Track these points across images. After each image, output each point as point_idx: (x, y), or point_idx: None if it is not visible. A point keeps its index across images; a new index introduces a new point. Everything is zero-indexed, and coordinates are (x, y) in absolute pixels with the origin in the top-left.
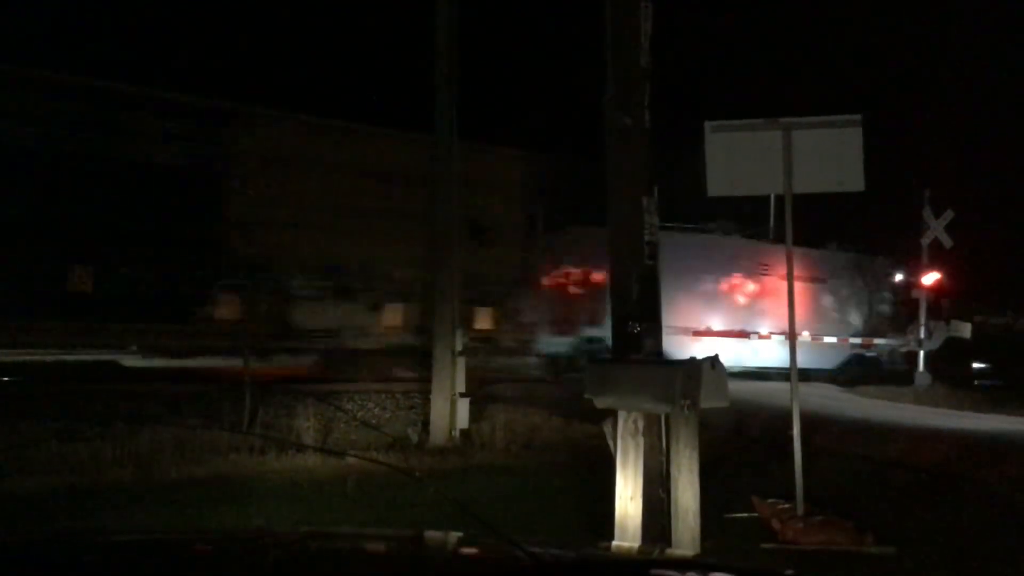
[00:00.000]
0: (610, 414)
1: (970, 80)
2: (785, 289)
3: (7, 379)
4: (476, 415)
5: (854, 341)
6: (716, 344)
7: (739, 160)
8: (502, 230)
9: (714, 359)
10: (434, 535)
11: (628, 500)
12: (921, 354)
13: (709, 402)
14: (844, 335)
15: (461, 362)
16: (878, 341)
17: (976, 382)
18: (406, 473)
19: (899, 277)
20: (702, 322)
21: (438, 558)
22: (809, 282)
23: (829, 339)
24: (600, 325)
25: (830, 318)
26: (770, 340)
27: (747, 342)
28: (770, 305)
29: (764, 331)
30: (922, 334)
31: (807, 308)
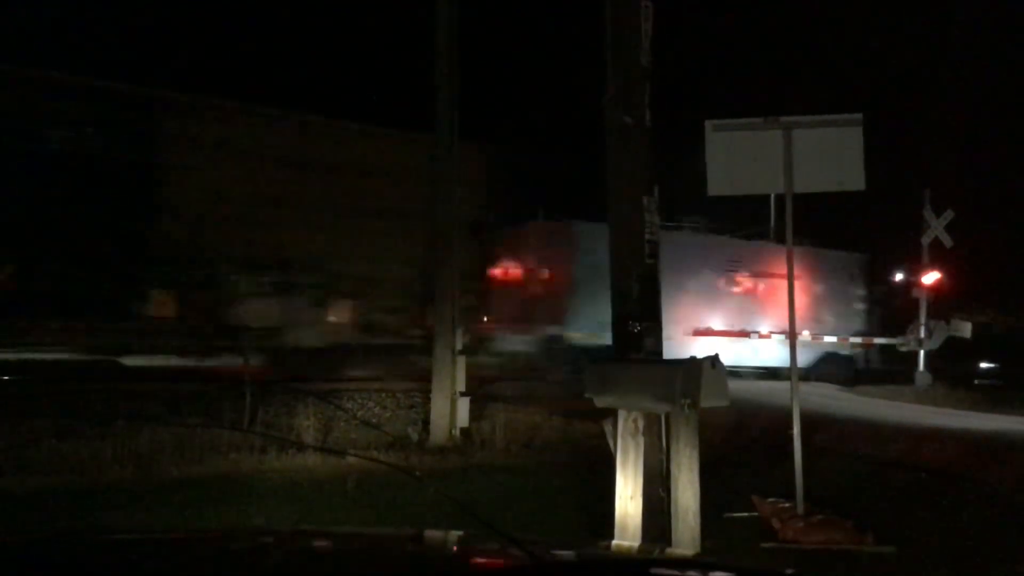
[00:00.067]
0: (610, 413)
1: (970, 80)
2: (758, 286)
3: (7, 378)
4: (476, 414)
5: (829, 339)
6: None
7: (739, 159)
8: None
9: (714, 358)
10: (434, 534)
11: (628, 499)
12: (921, 353)
13: (709, 401)
14: (818, 333)
15: (461, 361)
16: (853, 340)
17: (976, 381)
18: (406, 472)
19: (866, 271)
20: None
21: (438, 558)
22: (775, 279)
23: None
24: (561, 324)
25: (803, 316)
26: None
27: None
28: (749, 303)
29: (718, 327)
30: (922, 334)
31: (778, 307)
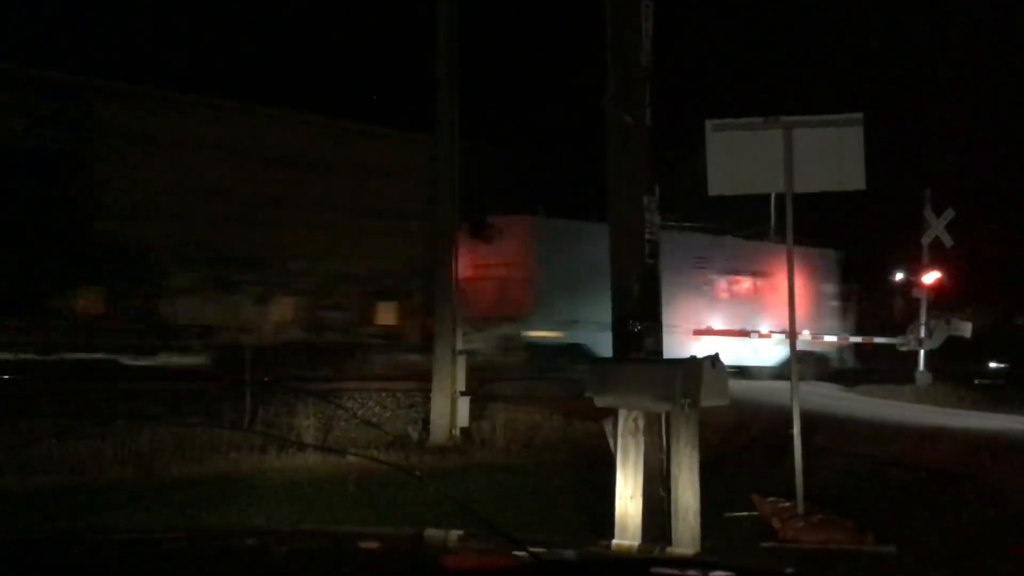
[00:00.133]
0: (611, 413)
1: (970, 80)
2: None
3: (7, 377)
4: (476, 413)
5: (805, 338)
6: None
7: (740, 159)
8: (406, 219)
9: (714, 358)
10: (434, 534)
11: (628, 499)
12: (922, 353)
13: (709, 401)
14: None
15: (461, 360)
16: (828, 338)
17: (976, 381)
18: (407, 472)
19: (841, 269)
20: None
21: (438, 557)
22: (754, 277)
23: (777, 335)
24: (521, 321)
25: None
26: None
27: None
28: (725, 302)
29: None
30: (922, 333)
31: (753, 304)
